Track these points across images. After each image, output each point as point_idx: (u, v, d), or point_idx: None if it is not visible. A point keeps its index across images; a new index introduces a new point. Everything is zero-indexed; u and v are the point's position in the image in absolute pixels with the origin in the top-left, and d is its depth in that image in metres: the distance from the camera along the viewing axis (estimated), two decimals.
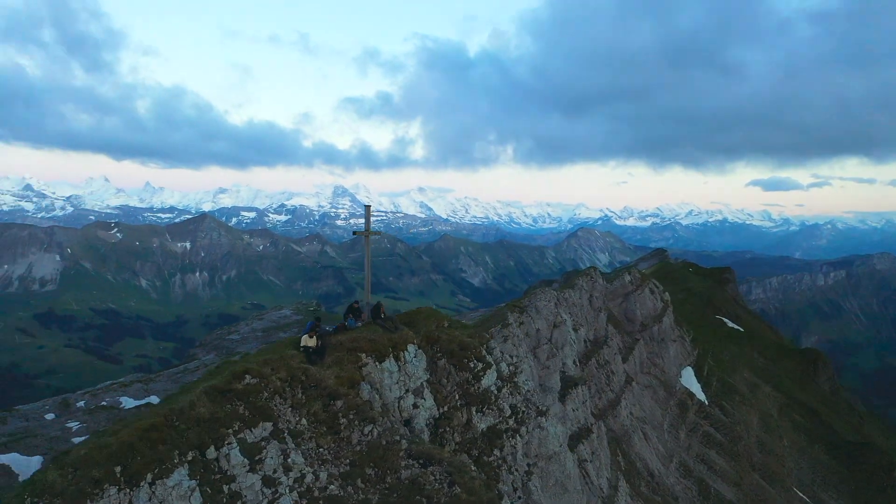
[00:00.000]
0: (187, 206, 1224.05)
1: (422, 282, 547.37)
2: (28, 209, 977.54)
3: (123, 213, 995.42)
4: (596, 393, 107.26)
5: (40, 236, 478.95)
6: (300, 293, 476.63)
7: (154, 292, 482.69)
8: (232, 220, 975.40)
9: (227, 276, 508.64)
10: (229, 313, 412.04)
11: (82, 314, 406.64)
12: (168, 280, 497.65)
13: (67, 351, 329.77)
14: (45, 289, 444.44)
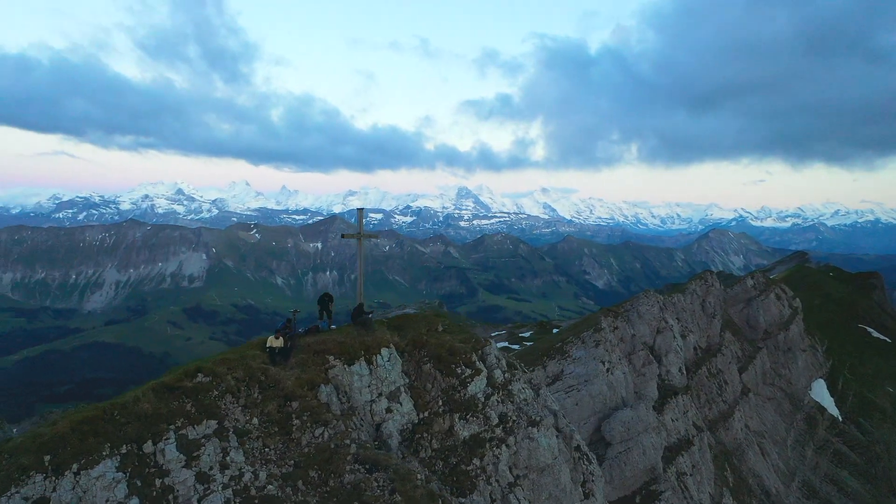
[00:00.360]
0: (319, 208, 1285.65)
1: (544, 284, 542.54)
2: (179, 211, 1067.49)
3: (262, 214, 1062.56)
4: (706, 403, 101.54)
5: (189, 237, 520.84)
6: (424, 293, 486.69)
7: (288, 289, 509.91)
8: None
9: (355, 276, 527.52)
10: None
11: (225, 309, 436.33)
12: (301, 278, 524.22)
13: (211, 343, 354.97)
14: (192, 285, 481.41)
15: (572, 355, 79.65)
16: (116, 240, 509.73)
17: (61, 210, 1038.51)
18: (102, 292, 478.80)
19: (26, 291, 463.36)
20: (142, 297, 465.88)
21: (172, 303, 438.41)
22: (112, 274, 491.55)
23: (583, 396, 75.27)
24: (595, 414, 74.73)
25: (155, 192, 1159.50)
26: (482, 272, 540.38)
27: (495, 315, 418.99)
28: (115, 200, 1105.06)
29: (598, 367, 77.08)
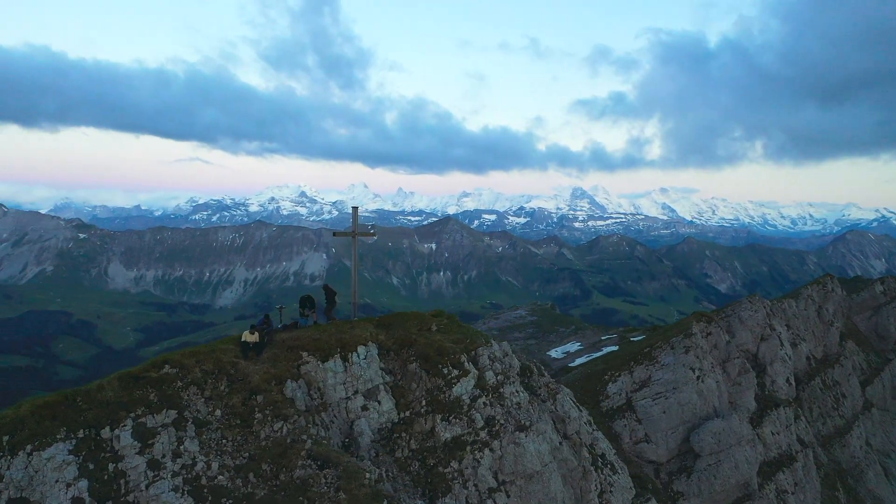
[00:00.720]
0: (434, 210, 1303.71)
1: (662, 287, 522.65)
2: (302, 213, 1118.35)
3: (379, 216, 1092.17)
4: (818, 417, 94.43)
5: (311, 237, 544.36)
6: (537, 294, 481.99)
7: (403, 289, 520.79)
8: (474, 222, 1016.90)
9: (468, 276, 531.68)
10: (469, 311, 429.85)
11: (343, 307, 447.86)
12: (416, 278, 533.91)
13: None
14: (314, 283, 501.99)
15: (660, 361, 76.51)
16: (245, 240, 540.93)
17: (197, 212, 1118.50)
18: (232, 289, 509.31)
19: (166, 287, 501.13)
20: (267, 294, 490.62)
21: (296, 300, 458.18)
22: (241, 272, 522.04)
23: (671, 404, 72.11)
24: (684, 423, 71.35)
25: (280, 195, 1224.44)
26: (597, 274, 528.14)
27: (610, 318, 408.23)
28: (245, 203, 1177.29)
29: (688, 374, 73.59)
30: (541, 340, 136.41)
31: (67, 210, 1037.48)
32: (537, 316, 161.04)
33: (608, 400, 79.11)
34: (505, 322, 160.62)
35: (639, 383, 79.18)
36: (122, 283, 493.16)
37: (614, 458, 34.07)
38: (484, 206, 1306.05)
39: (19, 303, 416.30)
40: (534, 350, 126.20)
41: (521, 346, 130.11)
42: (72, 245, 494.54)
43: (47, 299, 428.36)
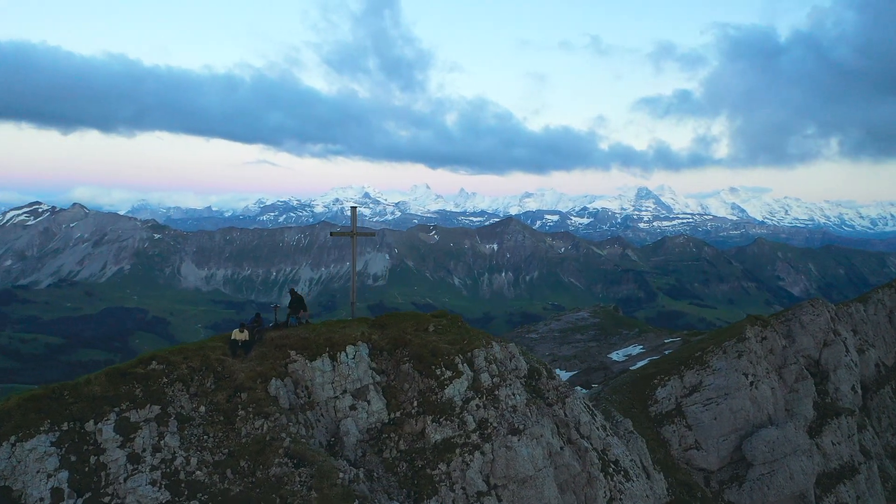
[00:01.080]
0: (496, 210, 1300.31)
1: (731, 289, 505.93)
2: (366, 214, 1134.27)
3: (441, 216, 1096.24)
4: (888, 428, 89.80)
5: (374, 238, 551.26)
6: (600, 296, 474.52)
7: (465, 290, 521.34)
8: (536, 223, 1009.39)
9: (529, 277, 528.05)
10: (531, 312, 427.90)
11: (405, 307, 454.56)
12: (477, 279, 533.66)
13: None
14: (376, 283, 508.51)
15: (712, 366, 74.37)
16: (310, 240, 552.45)
17: (265, 213, 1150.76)
18: (298, 288, 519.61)
19: (235, 286, 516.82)
20: (331, 293, 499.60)
21: (358, 300, 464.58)
22: (306, 272, 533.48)
23: (722, 411, 69.97)
24: (736, 431, 69.11)
25: (344, 196, 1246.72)
26: (662, 276, 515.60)
27: (676, 321, 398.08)
28: (311, 204, 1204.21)
29: (740, 379, 71.25)
30: (602, 343, 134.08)
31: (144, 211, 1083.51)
32: (600, 318, 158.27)
33: (657, 405, 77.05)
34: (566, 324, 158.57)
35: (689, 388, 77.07)
36: (193, 281, 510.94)
37: (630, 464, 33.03)
38: (546, 207, 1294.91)
39: (99, 300, 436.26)
40: (594, 353, 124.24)
41: (582, 348, 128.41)
42: (147, 245, 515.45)
43: (124, 297, 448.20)
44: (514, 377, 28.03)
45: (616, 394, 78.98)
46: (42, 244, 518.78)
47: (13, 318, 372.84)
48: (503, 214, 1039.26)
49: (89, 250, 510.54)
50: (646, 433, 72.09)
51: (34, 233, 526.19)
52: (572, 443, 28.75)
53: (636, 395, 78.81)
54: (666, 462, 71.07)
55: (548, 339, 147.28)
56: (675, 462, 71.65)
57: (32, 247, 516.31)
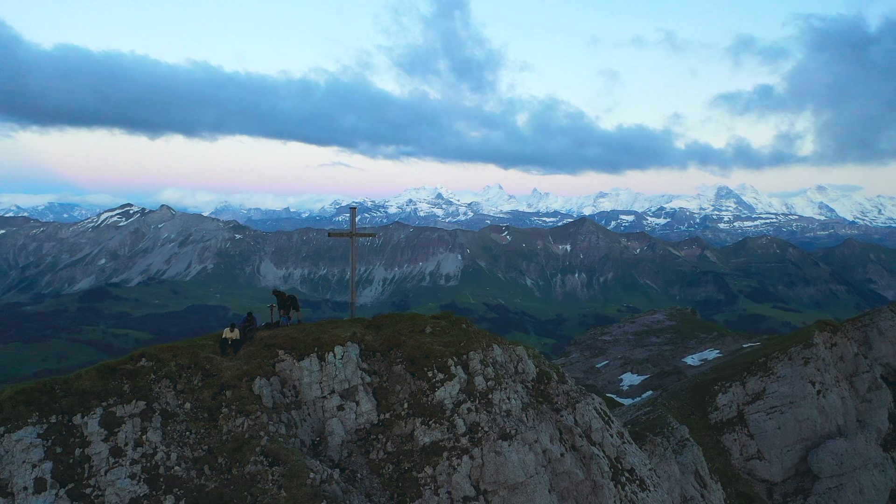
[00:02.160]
0: (570, 210, 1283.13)
1: (818, 292, 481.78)
2: (439, 214, 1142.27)
3: (514, 217, 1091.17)
4: None
5: (446, 238, 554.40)
6: (677, 298, 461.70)
7: (537, 291, 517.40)
8: (611, 223, 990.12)
9: (603, 278, 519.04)
10: (605, 314, 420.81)
11: (477, 307, 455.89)
12: (550, 280, 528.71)
13: None
14: (448, 283, 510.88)
15: (776, 372, 71.39)
16: (384, 241, 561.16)
17: (340, 214, 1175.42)
18: (372, 288, 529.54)
19: (311, 285, 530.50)
20: (404, 293, 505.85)
21: (431, 299, 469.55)
22: (380, 272, 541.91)
23: (786, 420, 67.02)
24: (801, 441, 66.02)
25: (418, 197, 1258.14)
26: (743, 278, 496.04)
27: (758, 325, 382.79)
28: (385, 205, 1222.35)
29: (807, 387, 68.02)
30: (677, 346, 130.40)
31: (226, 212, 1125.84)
32: (676, 321, 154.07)
33: (717, 412, 74.44)
34: (641, 326, 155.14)
35: (752, 395, 74.38)
36: (272, 280, 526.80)
37: (648, 473, 31.75)
38: (621, 207, 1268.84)
39: (184, 297, 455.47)
40: (668, 356, 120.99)
41: (656, 351, 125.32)
42: (229, 245, 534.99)
43: (207, 294, 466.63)
44: (512, 380, 27.43)
45: (674, 399, 76.41)
46: (133, 244, 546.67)
47: (106, 314, 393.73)
48: (577, 215, 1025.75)
49: (175, 250, 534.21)
50: (704, 441, 69.51)
51: (125, 233, 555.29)
52: (576, 449, 27.88)
53: (695, 401, 76.01)
54: (725, 471, 68.28)
55: (621, 341, 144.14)
56: (735, 472, 68.77)
57: (124, 246, 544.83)
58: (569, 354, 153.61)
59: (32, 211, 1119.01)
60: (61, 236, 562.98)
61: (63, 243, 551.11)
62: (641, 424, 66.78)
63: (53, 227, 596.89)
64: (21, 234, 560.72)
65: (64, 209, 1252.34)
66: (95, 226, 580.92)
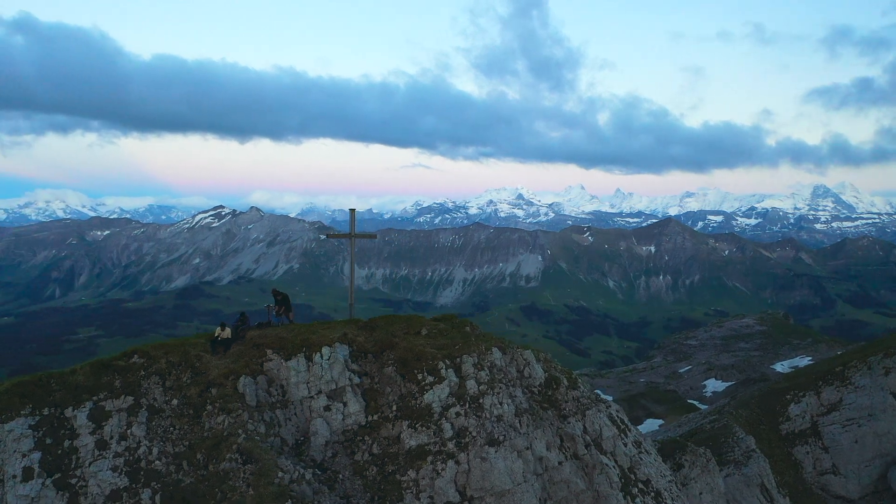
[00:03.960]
0: (654, 211, 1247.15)
1: None
2: (519, 215, 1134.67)
3: (596, 217, 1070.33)
4: None
5: (527, 239, 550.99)
6: (769, 302, 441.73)
7: (620, 293, 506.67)
8: (697, 224, 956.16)
9: (690, 281, 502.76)
10: (691, 318, 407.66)
11: (558, 309, 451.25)
12: (633, 282, 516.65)
13: (545, 341, 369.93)
14: (529, 285, 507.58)
15: (854, 382, 67.49)
16: (464, 241, 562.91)
17: (421, 215, 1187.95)
18: (452, 288, 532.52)
19: (393, 285, 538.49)
20: (484, 294, 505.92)
21: (511, 300, 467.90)
22: (460, 272, 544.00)
23: (865, 433, 63.28)
24: (881, 457, 62.15)
25: (498, 198, 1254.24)
26: (841, 282, 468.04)
27: (858, 332, 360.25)
28: (465, 206, 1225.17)
29: (888, 399, 64.01)
30: (767, 353, 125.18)
31: (312, 214, 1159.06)
32: (767, 326, 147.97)
33: (789, 422, 71.19)
34: (729, 331, 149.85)
35: (827, 406, 71.12)
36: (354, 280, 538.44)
37: (666, 485, 30.29)
38: (709, 207, 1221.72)
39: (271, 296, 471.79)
40: (756, 363, 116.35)
41: (743, 357, 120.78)
42: (314, 245, 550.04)
43: (293, 294, 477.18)
44: (507, 385, 26.71)
45: (743, 408, 73.19)
46: (224, 244, 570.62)
47: (199, 311, 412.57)
48: (662, 215, 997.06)
49: (264, 250, 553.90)
50: (774, 452, 66.19)
51: (218, 234, 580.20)
52: (579, 458, 26.91)
53: (765, 410, 72.54)
54: (796, 485, 64.81)
55: (708, 346, 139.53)
56: (807, 486, 65.23)
57: (216, 246, 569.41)
58: (651, 359, 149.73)
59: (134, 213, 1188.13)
60: (159, 237, 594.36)
61: (161, 243, 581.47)
62: (705, 433, 64.29)
63: (152, 228, 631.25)
64: (123, 235, 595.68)
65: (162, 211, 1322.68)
66: (190, 227, 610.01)
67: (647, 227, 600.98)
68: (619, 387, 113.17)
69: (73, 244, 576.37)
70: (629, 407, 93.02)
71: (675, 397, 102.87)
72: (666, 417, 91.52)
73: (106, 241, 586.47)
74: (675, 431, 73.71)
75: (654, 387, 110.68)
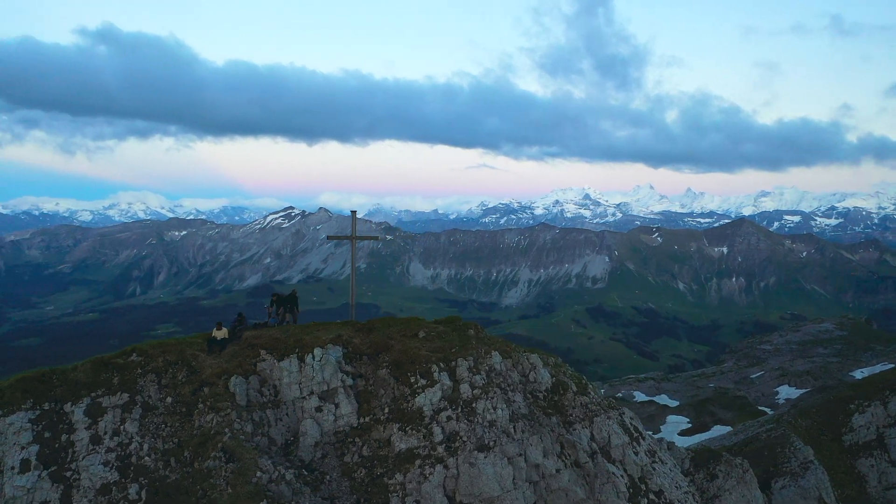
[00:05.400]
0: (727, 211, 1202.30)
1: None
2: (586, 216, 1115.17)
3: (665, 218, 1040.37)
4: None
5: (593, 239, 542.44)
6: (850, 306, 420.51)
7: (690, 295, 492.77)
8: (773, 224, 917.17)
9: (764, 283, 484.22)
10: (765, 322, 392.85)
11: (625, 311, 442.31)
12: (704, 284, 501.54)
13: (612, 343, 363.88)
14: (595, 286, 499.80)
15: None
16: (529, 242, 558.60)
17: (487, 216, 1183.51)
18: (517, 289, 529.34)
19: (458, 286, 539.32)
20: (549, 295, 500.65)
21: (576, 302, 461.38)
22: (525, 273, 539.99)
23: None
24: None
25: (565, 198, 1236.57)
26: None
27: None
28: (531, 206, 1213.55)
29: None
30: (846, 359, 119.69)
31: (378, 214, 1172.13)
32: (847, 331, 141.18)
33: (852, 433, 68.28)
34: (806, 336, 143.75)
35: (894, 417, 67.87)
36: (420, 280, 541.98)
37: (682, 496, 29.02)
38: (786, 207, 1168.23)
39: (339, 295, 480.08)
40: (833, 369, 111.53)
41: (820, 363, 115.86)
42: (381, 245, 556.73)
43: (360, 293, 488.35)
44: (503, 389, 26.17)
45: (803, 417, 70.18)
46: (294, 244, 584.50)
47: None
48: (735, 215, 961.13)
49: (332, 250, 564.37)
50: (835, 465, 63.13)
51: (288, 234, 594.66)
52: (580, 466, 26.09)
53: (827, 419, 69.35)
54: (859, 500, 61.79)
55: (783, 351, 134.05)
56: (872, 501, 62.04)
57: (286, 246, 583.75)
58: (721, 363, 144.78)
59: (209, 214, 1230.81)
60: (233, 237, 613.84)
61: (234, 243, 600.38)
62: (760, 442, 61.92)
63: (226, 228, 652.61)
64: (199, 235, 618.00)
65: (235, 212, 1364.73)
66: (262, 227, 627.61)
67: (720, 227, 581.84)
68: (686, 391, 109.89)
69: (152, 244, 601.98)
70: (696, 413, 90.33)
71: (745, 403, 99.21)
72: (734, 424, 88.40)
73: (183, 241, 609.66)
74: (731, 439, 71.34)
75: (722, 392, 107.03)
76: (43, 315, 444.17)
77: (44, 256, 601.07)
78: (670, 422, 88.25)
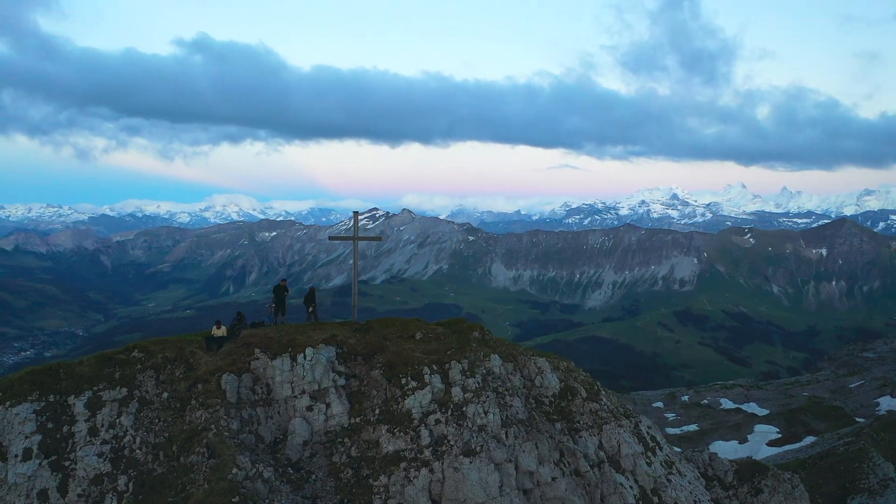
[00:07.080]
0: (826, 210, 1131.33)
1: None
2: (673, 216, 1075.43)
3: (758, 218, 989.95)
4: None
5: (681, 241, 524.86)
6: None
7: (785, 299, 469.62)
8: (878, 224, 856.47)
9: (867, 287, 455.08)
10: (869, 328, 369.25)
11: (715, 315, 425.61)
12: (801, 287, 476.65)
13: (700, 348, 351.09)
14: (683, 289, 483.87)
15: None
16: (614, 243, 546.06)
17: (570, 216, 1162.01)
18: (601, 291, 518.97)
19: (540, 287, 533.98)
20: (635, 297, 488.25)
21: (663, 305, 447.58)
22: (609, 275, 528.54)
23: None
24: None
25: (651, 198, 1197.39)
26: None
27: None
28: (615, 206, 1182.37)
29: None
30: None
31: (460, 215, 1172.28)
32: None
33: None
34: None
35: None
36: (502, 281, 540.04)
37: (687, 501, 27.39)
38: (892, 206, 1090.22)
39: (422, 295, 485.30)
40: None
41: None
42: (462, 246, 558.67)
43: (442, 293, 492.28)
44: (501, 393, 25.44)
45: (885, 431, 66.02)
46: (378, 245, 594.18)
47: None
48: (835, 215, 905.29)
49: (415, 251, 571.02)
50: None
51: (372, 235, 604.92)
52: (580, 475, 25.02)
53: None
54: None
55: (888, 359, 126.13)
56: None
57: (371, 247, 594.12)
58: (818, 371, 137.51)
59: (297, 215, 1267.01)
60: (320, 238, 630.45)
61: (321, 244, 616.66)
62: (837, 456, 58.66)
63: (314, 229, 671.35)
64: (288, 236, 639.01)
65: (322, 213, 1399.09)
66: (348, 228, 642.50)
67: (818, 228, 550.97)
68: (777, 400, 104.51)
69: (244, 244, 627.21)
70: (786, 422, 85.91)
71: (842, 414, 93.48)
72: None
73: (273, 242, 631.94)
74: (807, 452, 67.67)
75: (817, 402, 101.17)
76: (145, 311, 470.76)
77: (146, 256, 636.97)
78: (758, 431, 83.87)
